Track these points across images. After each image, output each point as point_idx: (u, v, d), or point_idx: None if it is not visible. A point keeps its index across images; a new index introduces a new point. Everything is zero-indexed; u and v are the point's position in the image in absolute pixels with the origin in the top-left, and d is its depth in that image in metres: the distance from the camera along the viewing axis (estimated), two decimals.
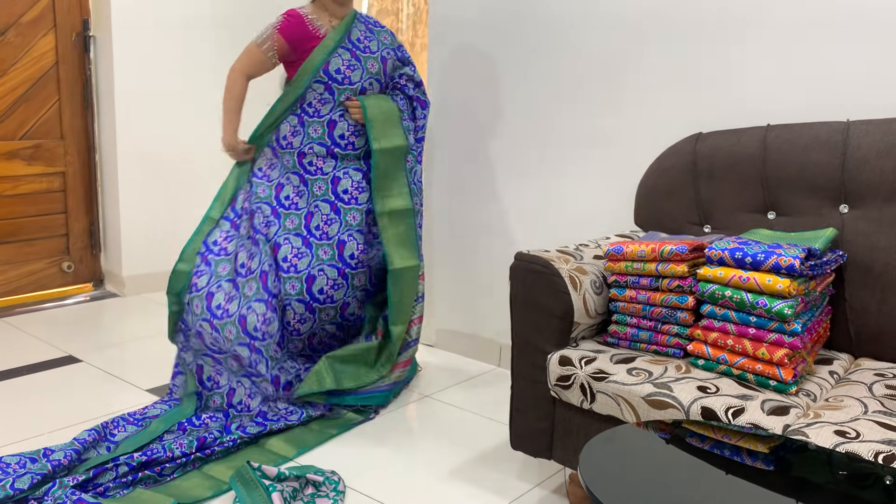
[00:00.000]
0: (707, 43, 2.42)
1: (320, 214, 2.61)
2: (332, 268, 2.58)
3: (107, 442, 2.27)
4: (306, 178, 2.63)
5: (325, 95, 2.60)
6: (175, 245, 4.12)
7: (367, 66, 2.64)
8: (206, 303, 2.51)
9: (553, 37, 2.80)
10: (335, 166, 2.64)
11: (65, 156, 3.85)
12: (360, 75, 2.62)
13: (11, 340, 3.23)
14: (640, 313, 1.95)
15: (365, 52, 2.64)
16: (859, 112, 2.15)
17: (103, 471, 2.06)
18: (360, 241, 2.62)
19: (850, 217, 2.00)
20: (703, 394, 1.67)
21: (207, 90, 4.12)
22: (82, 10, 3.81)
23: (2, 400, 2.62)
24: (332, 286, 2.58)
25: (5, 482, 1.93)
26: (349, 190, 2.64)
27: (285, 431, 2.44)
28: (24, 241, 3.76)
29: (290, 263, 2.54)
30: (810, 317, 1.79)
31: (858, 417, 1.56)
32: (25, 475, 1.97)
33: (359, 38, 2.65)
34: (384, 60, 2.69)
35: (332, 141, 2.63)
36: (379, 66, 2.67)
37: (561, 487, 2.17)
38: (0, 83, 3.59)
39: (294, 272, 2.53)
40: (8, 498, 1.89)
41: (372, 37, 2.69)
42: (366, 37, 2.67)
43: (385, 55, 2.70)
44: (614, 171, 2.69)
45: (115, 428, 2.34)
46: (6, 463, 2.07)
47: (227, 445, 2.28)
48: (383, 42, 2.71)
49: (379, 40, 2.70)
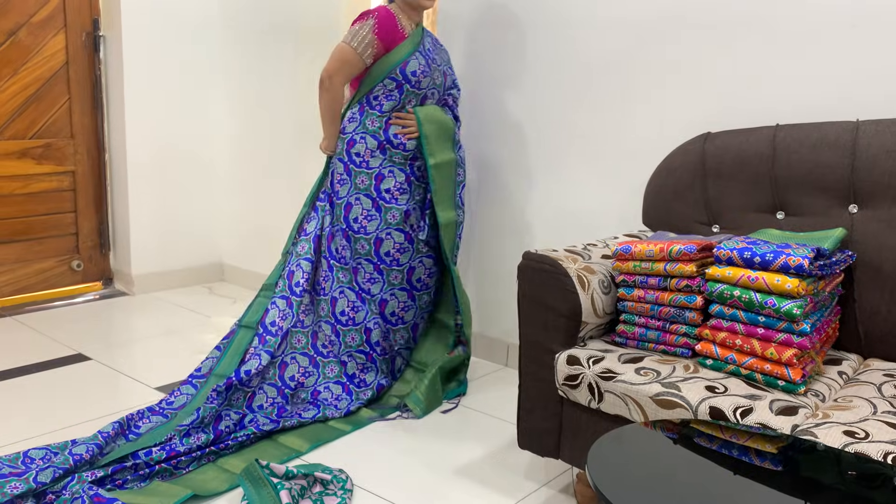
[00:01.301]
0: (716, 43, 2.42)
1: (360, 208, 2.66)
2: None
3: (130, 433, 2.28)
4: (350, 168, 2.65)
5: (393, 93, 2.63)
6: (184, 244, 4.14)
7: (435, 76, 2.71)
8: (330, 308, 2.68)
9: (561, 37, 2.80)
10: (381, 163, 2.65)
11: (74, 155, 3.87)
12: (429, 83, 2.69)
13: (21, 338, 3.24)
14: (649, 313, 1.95)
15: (435, 63, 2.72)
16: (869, 112, 2.14)
17: (122, 468, 2.07)
18: (398, 240, 2.68)
19: (860, 217, 2.00)
20: (711, 393, 1.67)
21: (217, 89, 4.14)
22: (92, 9, 3.83)
23: (11, 397, 2.64)
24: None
25: (28, 475, 1.95)
26: (391, 189, 2.66)
27: (298, 428, 2.45)
28: (33, 240, 3.78)
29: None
30: (819, 317, 1.78)
31: (868, 418, 1.55)
32: (48, 468, 1.98)
33: (430, 49, 2.72)
34: (446, 75, 2.79)
35: (386, 137, 2.65)
36: (442, 80, 2.76)
37: (568, 487, 2.17)
38: (11, 82, 3.61)
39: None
40: (30, 491, 1.92)
41: (438, 50, 2.79)
42: (434, 49, 2.75)
43: (447, 70, 2.80)
44: (623, 170, 2.69)
45: (139, 419, 2.35)
46: (31, 458, 2.10)
47: (240, 440, 2.30)
48: (443, 58, 2.80)
49: (442, 56, 2.80)
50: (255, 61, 3.96)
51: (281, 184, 3.93)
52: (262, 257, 4.09)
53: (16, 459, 2.10)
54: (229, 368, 2.56)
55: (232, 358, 2.59)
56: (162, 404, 2.45)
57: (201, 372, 2.59)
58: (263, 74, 3.93)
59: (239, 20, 3.99)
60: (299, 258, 2.69)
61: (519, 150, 2.97)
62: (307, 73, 3.70)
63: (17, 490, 1.89)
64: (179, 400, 2.48)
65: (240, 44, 4.02)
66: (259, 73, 3.95)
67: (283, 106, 3.85)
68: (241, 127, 4.11)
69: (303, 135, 3.77)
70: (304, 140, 3.76)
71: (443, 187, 2.73)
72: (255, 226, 4.11)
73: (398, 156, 2.66)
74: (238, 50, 4.04)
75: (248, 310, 2.71)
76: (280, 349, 2.60)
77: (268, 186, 4.01)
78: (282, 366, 2.58)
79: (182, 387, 2.54)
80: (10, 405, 2.58)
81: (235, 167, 4.18)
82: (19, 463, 2.09)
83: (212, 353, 2.64)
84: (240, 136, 4.12)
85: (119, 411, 2.55)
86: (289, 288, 2.67)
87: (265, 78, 3.92)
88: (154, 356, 3.09)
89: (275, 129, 3.92)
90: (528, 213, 2.98)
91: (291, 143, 3.85)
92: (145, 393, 2.72)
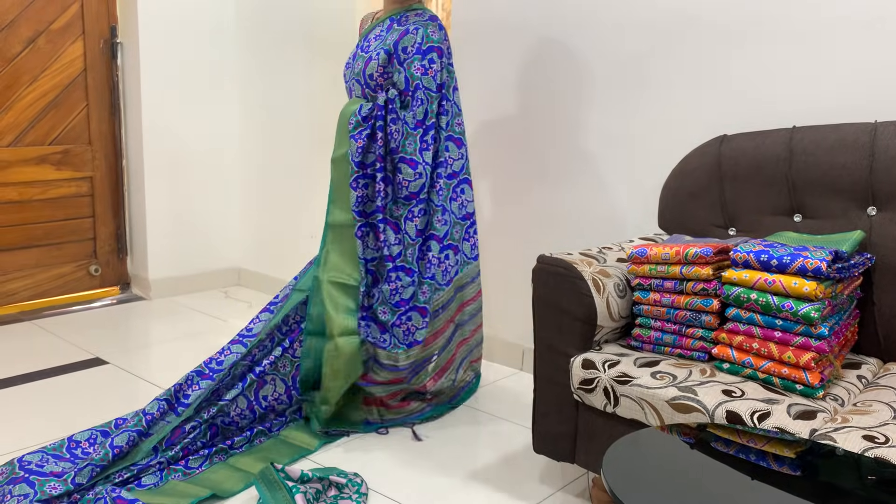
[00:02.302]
0: (732, 44, 2.40)
1: None
2: None
3: (179, 405, 2.25)
4: None
5: None
6: (200, 249, 4.17)
7: (355, 65, 2.51)
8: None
9: (575, 38, 2.79)
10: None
11: (92, 161, 3.91)
12: (349, 75, 2.55)
13: (40, 342, 3.27)
14: (665, 316, 1.94)
15: (364, 51, 2.50)
16: (887, 113, 2.12)
17: (147, 466, 2.11)
18: None
19: (879, 219, 1.98)
20: (728, 397, 1.66)
21: (233, 95, 4.17)
22: (110, 17, 3.87)
23: (30, 401, 2.66)
24: None
25: (67, 476, 1.98)
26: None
27: (303, 424, 2.47)
28: (52, 245, 3.82)
29: None
30: (837, 320, 1.76)
31: (888, 422, 1.54)
32: (86, 467, 2.01)
33: (374, 36, 2.53)
34: (368, 60, 2.46)
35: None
36: (361, 66, 2.48)
37: (584, 492, 2.16)
38: (30, 89, 3.65)
39: None
40: (68, 492, 1.95)
41: (382, 35, 2.50)
42: (377, 35, 2.51)
43: (374, 55, 2.45)
44: (638, 173, 2.68)
45: (189, 387, 2.29)
46: (76, 441, 2.15)
47: (246, 435, 2.32)
48: (386, 41, 2.46)
49: (384, 37, 2.48)
50: (271, 67, 3.98)
51: (297, 188, 3.94)
52: (278, 262, 4.11)
53: (60, 447, 2.15)
54: None
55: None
56: (212, 364, 2.36)
57: (252, 332, 2.46)
58: (279, 80, 3.95)
59: (255, 26, 4.02)
60: None
61: (533, 153, 2.96)
62: (322, 77, 3.71)
63: (56, 491, 1.93)
64: (229, 359, 2.37)
65: (256, 49, 4.04)
66: (275, 78, 3.97)
67: (299, 111, 3.87)
68: (257, 132, 4.13)
69: (319, 139, 3.79)
70: (320, 144, 3.77)
71: (340, 185, 2.49)
72: (271, 230, 4.13)
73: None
74: (254, 55, 4.06)
75: (304, 275, 2.58)
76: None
77: (284, 191, 4.03)
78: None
79: (231, 346, 2.42)
80: (29, 408, 2.60)
81: (251, 172, 4.20)
82: (64, 450, 2.13)
83: (262, 316, 2.51)
84: (256, 141, 4.15)
85: None
86: None
87: (281, 83, 3.94)
88: (171, 360, 3.11)
89: (291, 134, 3.94)
90: (543, 217, 2.97)
91: (307, 148, 3.87)
92: None
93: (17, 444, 2.33)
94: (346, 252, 2.48)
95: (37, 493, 1.91)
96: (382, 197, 2.40)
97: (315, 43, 3.73)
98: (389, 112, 2.40)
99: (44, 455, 2.10)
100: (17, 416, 2.53)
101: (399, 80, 2.43)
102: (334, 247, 2.51)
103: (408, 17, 2.51)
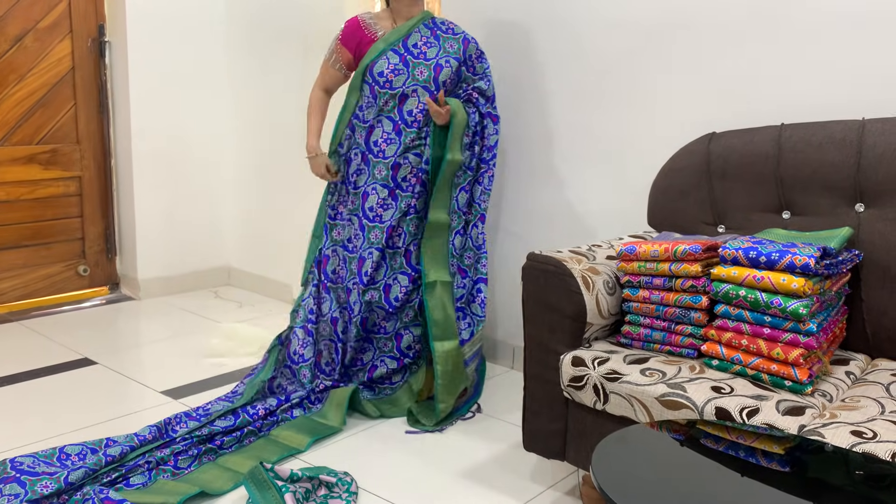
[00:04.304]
0: (720, 43, 2.41)
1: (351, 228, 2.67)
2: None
3: (168, 437, 2.29)
4: (348, 189, 2.66)
5: (369, 98, 2.58)
6: (190, 248, 4.15)
7: (415, 72, 2.53)
8: None
9: (565, 39, 2.79)
10: (366, 180, 2.60)
11: (81, 160, 3.88)
12: (404, 81, 2.53)
13: (28, 343, 3.25)
14: (654, 313, 1.94)
15: (417, 58, 2.54)
16: (875, 110, 2.13)
17: (135, 466, 2.11)
18: (375, 259, 2.59)
19: (867, 216, 1.98)
20: (717, 394, 1.66)
21: (223, 94, 4.15)
22: (98, 15, 3.85)
23: (18, 402, 2.65)
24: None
25: (60, 475, 1.97)
26: (374, 207, 2.59)
27: (294, 423, 2.47)
28: (40, 245, 3.79)
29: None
30: (826, 316, 1.77)
31: (875, 418, 1.54)
32: (80, 469, 2.00)
33: (416, 44, 2.56)
34: (439, 68, 2.56)
35: (367, 147, 2.59)
36: (430, 74, 2.54)
37: (575, 489, 2.16)
38: (17, 88, 3.63)
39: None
40: (60, 490, 1.94)
41: (434, 43, 2.58)
42: (426, 42, 2.57)
43: (443, 63, 2.56)
44: (628, 171, 2.68)
45: (177, 424, 2.35)
46: (67, 454, 2.13)
47: (235, 435, 2.32)
48: (447, 49, 2.58)
49: (442, 47, 2.58)
50: (261, 66, 3.97)
51: (287, 188, 3.93)
52: (269, 261, 4.09)
53: (51, 455, 2.12)
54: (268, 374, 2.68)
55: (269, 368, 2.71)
56: (199, 411, 2.45)
57: (237, 392, 2.62)
58: (269, 79, 3.93)
59: (245, 25, 4.01)
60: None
61: (522, 151, 2.96)
62: (313, 77, 3.69)
63: (48, 490, 1.92)
64: (215, 408, 2.47)
65: (246, 48, 4.03)
66: (265, 77, 3.96)
67: (290, 110, 3.85)
68: (248, 131, 4.11)
69: None
70: None
71: (444, 185, 2.58)
72: (262, 230, 4.12)
73: (380, 165, 2.57)
74: (244, 54, 4.05)
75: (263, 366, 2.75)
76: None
77: (274, 191, 4.02)
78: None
79: (217, 401, 2.55)
80: (18, 409, 2.58)
81: (241, 171, 4.19)
82: (55, 459, 2.12)
83: (246, 381, 2.69)
84: (246, 140, 4.13)
85: (126, 415, 2.56)
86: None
87: (271, 82, 3.93)
88: (160, 360, 3.10)
89: (281, 134, 3.93)
90: (533, 214, 2.97)
91: (298, 148, 3.85)
92: (152, 397, 2.72)
93: (6, 444, 2.32)
94: (439, 251, 2.60)
95: (27, 493, 1.90)
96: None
97: (306, 42, 3.71)
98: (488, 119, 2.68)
99: (35, 459, 2.09)
100: (5, 417, 2.51)
101: (488, 88, 2.66)
102: (427, 245, 2.60)
103: (437, 24, 2.63)
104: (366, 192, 2.60)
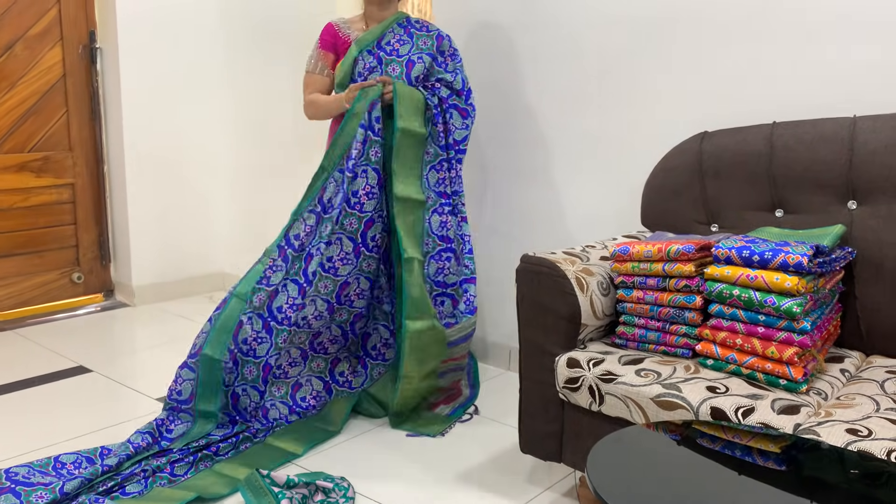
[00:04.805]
0: (712, 42, 2.41)
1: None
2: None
3: (163, 439, 2.29)
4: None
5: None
6: (184, 254, 4.14)
7: (388, 69, 2.60)
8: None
9: (557, 38, 2.79)
10: (360, 171, 2.50)
11: (73, 167, 3.87)
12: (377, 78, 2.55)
13: (22, 351, 3.24)
14: (648, 314, 1.94)
15: (390, 55, 2.61)
16: (866, 108, 2.13)
17: (131, 475, 2.10)
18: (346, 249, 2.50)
19: (859, 213, 1.99)
20: (712, 394, 1.66)
21: (215, 99, 4.14)
22: (89, 22, 3.84)
23: (13, 410, 2.64)
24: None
25: (55, 485, 1.96)
26: (359, 192, 2.50)
27: (290, 428, 2.46)
28: (34, 253, 3.78)
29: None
30: (820, 314, 1.77)
31: (870, 415, 1.54)
32: (76, 479, 2.00)
33: (389, 42, 2.63)
34: (411, 64, 2.60)
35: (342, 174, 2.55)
36: (402, 70, 2.60)
37: (572, 491, 2.16)
38: (9, 96, 3.61)
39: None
40: (55, 501, 1.93)
41: (407, 40, 2.64)
42: (398, 39, 2.63)
43: (415, 59, 2.61)
44: (620, 171, 2.68)
45: (171, 423, 2.35)
46: (62, 463, 2.12)
47: (231, 441, 2.32)
48: (419, 46, 2.63)
49: (414, 43, 2.63)
50: (254, 71, 3.96)
51: (281, 194, 3.92)
52: None
53: (46, 465, 2.12)
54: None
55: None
56: (188, 405, 2.41)
57: (196, 348, 2.49)
58: (262, 84, 3.93)
59: (236, 30, 4.00)
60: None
61: (515, 153, 2.96)
62: None
63: (43, 500, 1.92)
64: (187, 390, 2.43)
65: (238, 53, 4.02)
66: (258, 82, 3.95)
67: (283, 116, 3.85)
68: (241, 137, 4.11)
69: (303, 141, 3.77)
70: (305, 150, 3.76)
71: (406, 156, 2.51)
72: (256, 235, 4.11)
73: (367, 150, 2.50)
74: (236, 59, 4.04)
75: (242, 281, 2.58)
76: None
77: (268, 196, 4.01)
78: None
79: (181, 371, 2.46)
80: (12, 418, 2.57)
81: (235, 176, 4.18)
82: (50, 468, 2.11)
83: (204, 327, 2.54)
84: (239, 146, 4.12)
85: (121, 422, 2.55)
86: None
87: (264, 88, 3.93)
88: (156, 367, 3.09)
89: (275, 140, 3.92)
90: (527, 216, 2.97)
91: (292, 154, 3.85)
92: (147, 404, 2.71)
93: (1, 454, 2.31)
94: (410, 228, 2.52)
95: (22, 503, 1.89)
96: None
97: (299, 48, 3.71)
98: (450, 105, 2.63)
99: (30, 469, 2.08)
100: (0, 427, 2.51)
101: (455, 80, 2.64)
102: (401, 221, 2.50)
103: (411, 23, 2.67)
104: (354, 174, 2.52)
